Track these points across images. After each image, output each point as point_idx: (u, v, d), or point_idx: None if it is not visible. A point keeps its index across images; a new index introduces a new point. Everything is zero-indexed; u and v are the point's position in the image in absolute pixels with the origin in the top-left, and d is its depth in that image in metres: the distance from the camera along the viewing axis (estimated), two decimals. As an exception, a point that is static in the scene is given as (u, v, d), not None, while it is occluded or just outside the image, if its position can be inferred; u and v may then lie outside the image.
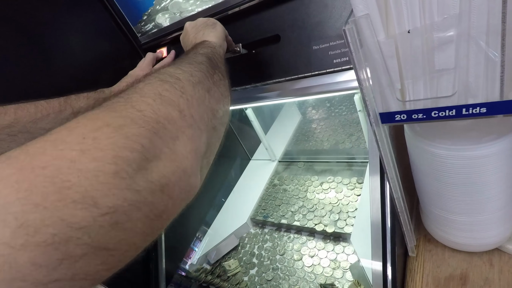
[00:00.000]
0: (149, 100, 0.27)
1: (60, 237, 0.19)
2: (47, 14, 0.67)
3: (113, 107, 0.26)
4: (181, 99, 0.30)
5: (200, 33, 0.55)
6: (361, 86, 0.35)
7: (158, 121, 0.26)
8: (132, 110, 0.26)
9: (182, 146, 0.28)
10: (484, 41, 0.27)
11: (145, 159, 0.24)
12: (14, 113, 0.50)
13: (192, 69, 0.36)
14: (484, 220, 0.46)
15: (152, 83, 0.30)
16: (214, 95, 0.37)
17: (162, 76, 0.32)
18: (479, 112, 0.32)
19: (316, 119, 1.08)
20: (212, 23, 0.57)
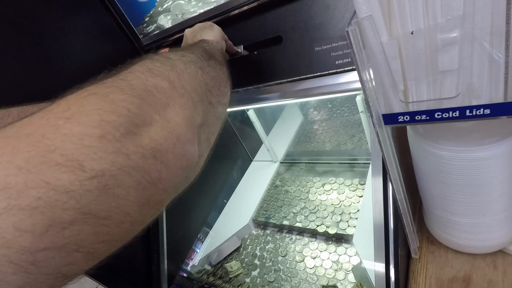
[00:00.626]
0: (137, 74, 0.27)
1: (44, 200, 0.18)
2: (50, 16, 0.67)
3: (101, 82, 0.26)
4: (171, 72, 0.30)
5: (197, 36, 0.55)
6: (364, 87, 0.35)
7: (146, 89, 0.26)
8: (119, 81, 0.26)
9: (173, 114, 0.27)
10: (488, 42, 0.27)
11: (133, 123, 0.23)
12: (17, 115, 0.50)
13: (184, 52, 0.36)
14: (487, 221, 0.46)
15: (142, 63, 0.30)
16: (208, 73, 0.36)
17: (153, 56, 0.33)
18: (483, 113, 0.31)
19: (318, 120, 1.08)
20: (209, 25, 0.58)
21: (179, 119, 0.27)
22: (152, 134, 0.25)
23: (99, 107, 0.22)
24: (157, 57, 0.32)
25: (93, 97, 0.23)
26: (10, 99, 0.53)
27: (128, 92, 0.25)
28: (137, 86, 0.26)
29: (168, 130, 0.26)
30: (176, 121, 0.27)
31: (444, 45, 0.29)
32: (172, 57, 0.33)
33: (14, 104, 0.52)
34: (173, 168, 0.26)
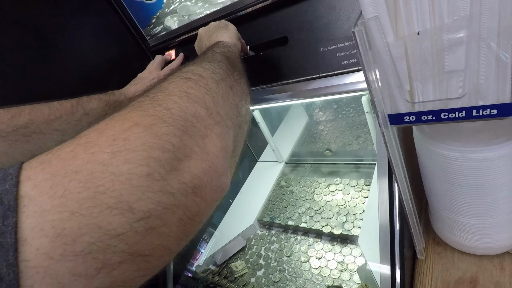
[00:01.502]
0: (175, 98, 0.27)
1: (97, 245, 0.19)
2: (59, 18, 0.69)
3: (139, 106, 0.26)
4: (207, 96, 0.30)
5: (213, 36, 0.54)
6: (370, 88, 0.35)
7: (187, 119, 0.26)
8: (159, 108, 0.25)
9: (212, 144, 0.27)
10: (495, 43, 0.27)
11: (176, 159, 0.23)
12: (29, 114, 0.51)
13: (213, 67, 0.36)
14: (494, 222, 0.45)
15: (176, 81, 0.30)
16: (236, 92, 0.36)
17: (184, 74, 0.32)
18: (490, 113, 0.31)
19: (323, 120, 1.08)
20: (224, 24, 0.57)
21: (216, 150, 0.27)
22: (193, 169, 0.25)
23: (145, 141, 0.22)
24: (189, 75, 0.32)
25: (137, 130, 0.23)
26: (22, 98, 0.54)
27: (171, 124, 0.24)
28: (177, 115, 0.26)
29: (207, 164, 0.26)
30: (214, 152, 0.27)
31: (451, 46, 0.29)
32: (204, 74, 0.33)
33: (25, 102, 0.53)
34: (209, 201, 0.26)
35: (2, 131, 0.48)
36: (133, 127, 0.23)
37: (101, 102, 0.62)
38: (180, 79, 0.31)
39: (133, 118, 0.24)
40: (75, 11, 0.72)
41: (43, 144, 0.53)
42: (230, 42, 0.51)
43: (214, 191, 0.27)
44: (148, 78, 0.72)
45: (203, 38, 0.57)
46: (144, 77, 0.73)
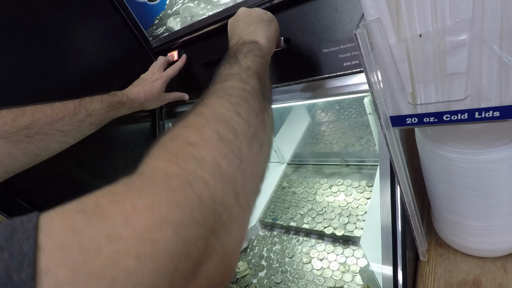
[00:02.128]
0: (207, 176, 0.24)
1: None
2: (62, 19, 0.69)
3: (170, 185, 0.23)
4: (238, 172, 0.26)
5: (251, 27, 0.49)
6: (372, 90, 0.35)
7: (215, 210, 0.23)
8: (190, 194, 0.22)
9: (232, 239, 0.25)
10: (497, 45, 0.27)
11: (198, 264, 0.22)
12: (32, 114, 0.51)
13: (248, 113, 0.32)
14: (497, 225, 0.45)
15: (210, 139, 0.27)
16: (265, 151, 0.32)
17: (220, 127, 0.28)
18: (492, 116, 0.31)
19: (325, 121, 1.08)
20: (268, 19, 0.51)
21: (236, 245, 0.25)
22: (211, 271, 0.23)
23: (172, 248, 0.20)
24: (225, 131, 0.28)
25: (166, 231, 0.20)
26: (24, 99, 0.55)
27: (200, 223, 0.22)
28: (207, 206, 0.23)
29: (225, 264, 0.24)
30: (233, 249, 0.25)
31: (453, 48, 0.29)
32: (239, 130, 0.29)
33: (28, 103, 0.53)
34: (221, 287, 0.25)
35: (5, 132, 0.48)
36: (163, 225, 0.20)
37: (104, 103, 0.62)
38: (215, 137, 0.27)
39: (163, 207, 0.21)
40: (79, 13, 0.72)
41: (45, 145, 0.53)
42: (267, 47, 0.47)
43: (226, 279, 0.25)
44: (150, 79, 0.73)
45: (240, 22, 0.51)
46: (146, 78, 0.74)
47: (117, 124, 0.70)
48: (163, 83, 0.72)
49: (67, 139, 0.57)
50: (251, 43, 0.45)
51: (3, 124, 0.48)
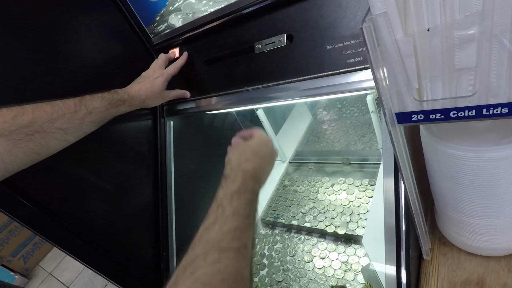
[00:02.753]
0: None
1: None
2: (63, 16, 0.68)
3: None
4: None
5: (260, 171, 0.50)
6: (378, 86, 0.34)
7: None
8: None
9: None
10: (507, 39, 0.26)
11: None
12: (32, 112, 0.51)
13: None
14: (502, 223, 0.45)
15: None
16: None
17: None
18: (500, 112, 0.31)
19: (327, 120, 1.07)
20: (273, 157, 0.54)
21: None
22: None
23: None
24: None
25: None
26: (24, 97, 0.54)
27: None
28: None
29: None
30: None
31: (462, 43, 0.28)
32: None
33: (29, 101, 0.53)
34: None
35: (5, 130, 0.48)
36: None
37: (104, 100, 0.61)
38: None
39: None
40: (79, 10, 0.71)
41: (46, 143, 0.53)
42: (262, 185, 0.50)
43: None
44: (152, 76, 0.72)
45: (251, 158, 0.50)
46: (148, 76, 0.73)
47: (118, 122, 0.69)
48: (164, 81, 0.72)
49: (67, 137, 0.56)
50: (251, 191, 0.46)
51: (3, 122, 0.48)
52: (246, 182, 0.46)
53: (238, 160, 0.49)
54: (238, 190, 0.44)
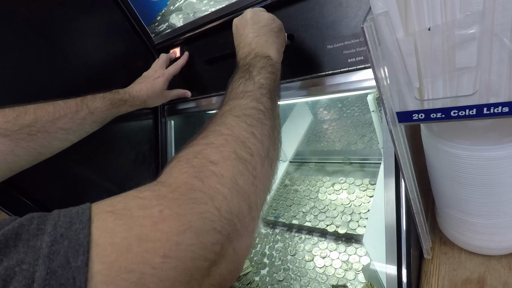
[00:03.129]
0: (226, 191, 0.27)
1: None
2: (65, 16, 0.69)
3: (194, 198, 0.25)
4: (252, 188, 0.30)
5: (262, 38, 0.50)
6: (379, 85, 0.35)
7: (231, 221, 0.26)
8: (212, 208, 0.26)
9: (243, 245, 0.28)
10: (508, 39, 0.26)
11: (214, 265, 0.24)
12: (34, 112, 0.51)
13: (262, 134, 0.35)
14: (503, 222, 0.45)
15: (229, 158, 0.30)
16: (274, 168, 0.36)
17: (238, 148, 0.31)
18: (501, 111, 0.31)
19: (328, 119, 1.07)
20: (277, 28, 0.52)
21: (246, 250, 0.28)
22: (223, 271, 0.25)
23: (193, 250, 0.23)
24: (241, 150, 0.31)
25: (189, 235, 0.23)
26: (26, 97, 0.54)
27: (219, 230, 0.25)
28: (225, 217, 0.26)
29: (235, 265, 0.27)
30: (243, 252, 0.28)
31: (462, 42, 0.28)
32: (254, 150, 0.32)
33: (31, 101, 0.53)
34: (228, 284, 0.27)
35: (7, 130, 0.48)
36: (187, 231, 0.23)
37: (106, 100, 0.62)
38: (233, 157, 0.30)
39: (188, 216, 0.24)
40: (80, 9, 0.71)
41: (48, 142, 0.53)
42: (278, 60, 0.49)
43: (234, 277, 0.28)
44: (153, 76, 0.72)
45: (249, 29, 0.51)
46: (149, 76, 0.73)
47: (119, 121, 0.70)
48: (165, 81, 0.72)
49: (69, 137, 0.57)
50: (264, 58, 0.47)
51: (5, 122, 0.48)
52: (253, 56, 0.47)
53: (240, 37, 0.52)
54: (248, 64, 0.46)
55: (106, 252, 0.20)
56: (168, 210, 0.24)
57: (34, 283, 0.18)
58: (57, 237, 0.20)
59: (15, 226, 0.21)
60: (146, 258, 0.21)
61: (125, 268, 0.20)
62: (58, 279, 0.19)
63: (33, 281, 0.18)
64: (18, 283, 0.18)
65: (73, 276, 0.19)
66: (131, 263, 0.20)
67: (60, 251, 0.20)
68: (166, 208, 0.24)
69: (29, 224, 0.21)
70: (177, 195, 0.25)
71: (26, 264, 0.19)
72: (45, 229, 0.21)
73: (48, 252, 0.20)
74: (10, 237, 0.20)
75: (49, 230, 0.21)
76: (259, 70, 0.44)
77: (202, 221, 0.24)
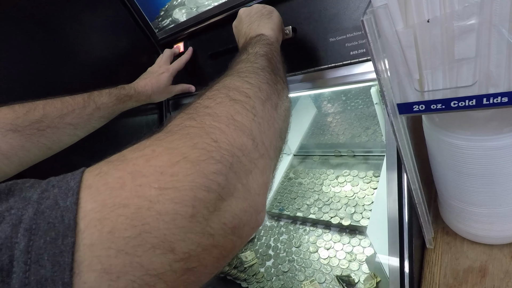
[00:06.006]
0: (222, 126, 0.26)
1: (138, 283, 0.19)
2: (69, 12, 0.69)
3: (187, 132, 0.25)
4: (253, 124, 0.29)
5: (254, 24, 0.51)
6: (379, 77, 0.35)
7: (234, 153, 0.25)
8: (208, 139, 0.24)
9: (254, 181, 0.26)
10: (506, 29, 0.26)
11: (220, 198, 0.23)
12: (43, 108, 0.52)
13: (258, 81, 0.34)
14: (504, 212, 0.45)
15: (222, 102, 0.29)
16: (280, 112, 0.35)
17: (231, 92, 0.31)
18: (501, 101, 0.31)
19: (331, 112, 1.08)
20: (267, 11, 0.53)
21: (258, 187, 0.27)
22: (234, 208, 0.24)
23: (192, 180, 0.22)
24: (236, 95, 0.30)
25: (185, 165, 0.22)
26: (34, 93, 0.56)
27: (219, 160, 0.24)
28: (225, 149, 0.25)
29: (248, 203, 0.25)
30: (256, 189, 0.26)
31: (461, 33, 0.29)
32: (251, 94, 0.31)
33: (38, 97, 0.54)
34: (245, 239, 0.26)
35: (18, 126, 0.49)
36: (182, 161, 0.22)
37: (112, 96, 0.63)
38: (227, 100, 0.29)
39: (182, 149, 0.23)
40: (84, 5, 0.72)
41: (57, 138, 0.55)
42: (273, 36, 0.49)
43: (251, 229, 0.26)
44: (157, 72, 0.73)
45: (243, 23, 0.53)
46: (153, 71, 0.74)
47: (125, 116, 0.71)
48: (169, 76, 0.73)
49: (77, 132, 0.58)
50: (257, 36, 0.47)
51: (16, 118, 0.49)
52: (247, 40, 0.48)
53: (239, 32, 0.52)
54: (244, 47, 0.45)
55: (99, 192, 0.20)
56: (161, 148, 0.23)
57: (21, 223, 0.18)
58: (48, 187, 0.20)
59: (8, 183, 0.21)
60: (141, 192, 0.20)
61: (119, 203, 0.20)
62: (46, 218, 0.18)
63: (20, 221, 0.18)
64: (5, 224, 0.18)
65: (61, 214, 0.19)
66: (125, 198, 0.20)
67: (49, 196, 0.20)
68: (159, 147, 0.23)
69: (23, 183, 0.21)
70: (170, 134, 0.25)
71: (14, 209, 0.19)
72: (39, 186, 0.21)
73: (37, 198, 0.19)
74: (2, 191, 0.20)
75: (43, 185, 0.21)
76: (253, 45, 0.44)
77: (197, 152, 0.23)
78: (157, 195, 0.20)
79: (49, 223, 0.18)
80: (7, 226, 0.18)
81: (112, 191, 0.20)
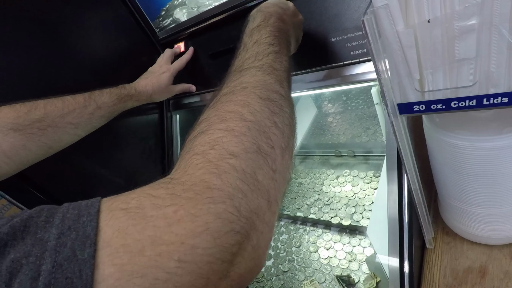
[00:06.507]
0: (245, 187, 0.25)
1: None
2: (70, 11, 0.69)
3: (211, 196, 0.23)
4: (271, 183, 0.28)
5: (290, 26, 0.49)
6: (379, 77, 0.35)
7: (250, 218, 0.24)
8: (231, 208, 0.24)
9: (263, 241, 0.26)
10: (506, 29, 0.26)
11: (231, 265, 0.23)
12: (44, 108, 0.52)
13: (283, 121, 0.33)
14: (504, 212, 0.45)
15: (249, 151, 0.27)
16: (292, 156, 0.33)
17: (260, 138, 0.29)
18: (501, 102, 0.31)
19: (332, 112, 1.08)
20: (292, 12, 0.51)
21: (265, 245, 0.26)
22: (242, 270, 0.24)
23: (210, 254, 0.22)
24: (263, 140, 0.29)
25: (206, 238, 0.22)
26: (35, 92, 0.56)
27: (237, 230, 0.23)
28: (244, 216, 0.24)
29: (254, 262, 0.25)
30: (263, 249, 0.26)
31: (462, 33, 0.29)
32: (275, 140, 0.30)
33: (39, 97, 0.54)
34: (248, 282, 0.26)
35: (19, 125, 0.49)
36: (204, 233, 0.22)
37: (113, 95, 0.63)
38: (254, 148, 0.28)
39: (205, 217, 0.22)
40: (85, 5, 0.72)
41: (58, 137, 0.55)
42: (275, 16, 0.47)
43: (254, 276, 0.26)
44: (158, 71, 0.73)
45: None
46: (154, 71, 0.74)
47: (125, 116, 0.71)
48: (170, 76, 0.73)
49: (78, 131, 0.58)
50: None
51: (17, 117, 0.50)
52: (267, 18, 0.45)
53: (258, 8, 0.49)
54: (257, 26, 0.44)
55: (118, 254, 0.20)
56: (183, 210, 0.22)
57: (40, 276, 0.18)
58: (64, 230, 0.20)
59: (23, 218, 0.21)
60: (160, 262, 0.20)
61: (138, 272, 0.19)
62: (64, 272, 0.19)
63: (39, 274, 0.18)
64: (25, 276, 0.18)
65: (79, 269, 0.19)
66: (143, 267, 0.20)
67: (67, 243, 0.20)
68: (181, 209, 0.22)
69: (37, 216, 0.21)
70: (192, 194, 0.23)
71: (33, 257, 0.19)
72: (53, 222, 0.21)
73: (55, 244, 0.19)
74: (18, 229, 0.20)
75: (57, 222, 0.21)
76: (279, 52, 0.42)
77: (220, 222, 0.23)
78: (175, 268, 0.20)
79: (67, 278, 0.18)
80: (26, 279, 0.18)
81: (130, 257, 0.20)
